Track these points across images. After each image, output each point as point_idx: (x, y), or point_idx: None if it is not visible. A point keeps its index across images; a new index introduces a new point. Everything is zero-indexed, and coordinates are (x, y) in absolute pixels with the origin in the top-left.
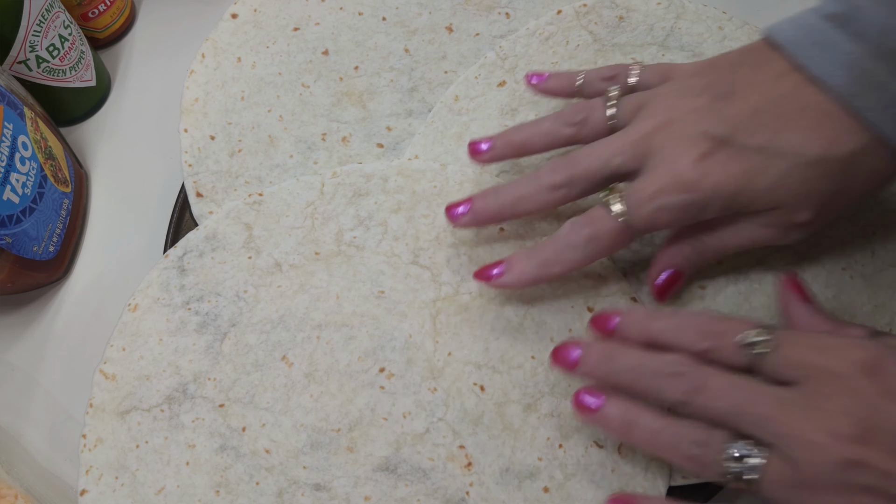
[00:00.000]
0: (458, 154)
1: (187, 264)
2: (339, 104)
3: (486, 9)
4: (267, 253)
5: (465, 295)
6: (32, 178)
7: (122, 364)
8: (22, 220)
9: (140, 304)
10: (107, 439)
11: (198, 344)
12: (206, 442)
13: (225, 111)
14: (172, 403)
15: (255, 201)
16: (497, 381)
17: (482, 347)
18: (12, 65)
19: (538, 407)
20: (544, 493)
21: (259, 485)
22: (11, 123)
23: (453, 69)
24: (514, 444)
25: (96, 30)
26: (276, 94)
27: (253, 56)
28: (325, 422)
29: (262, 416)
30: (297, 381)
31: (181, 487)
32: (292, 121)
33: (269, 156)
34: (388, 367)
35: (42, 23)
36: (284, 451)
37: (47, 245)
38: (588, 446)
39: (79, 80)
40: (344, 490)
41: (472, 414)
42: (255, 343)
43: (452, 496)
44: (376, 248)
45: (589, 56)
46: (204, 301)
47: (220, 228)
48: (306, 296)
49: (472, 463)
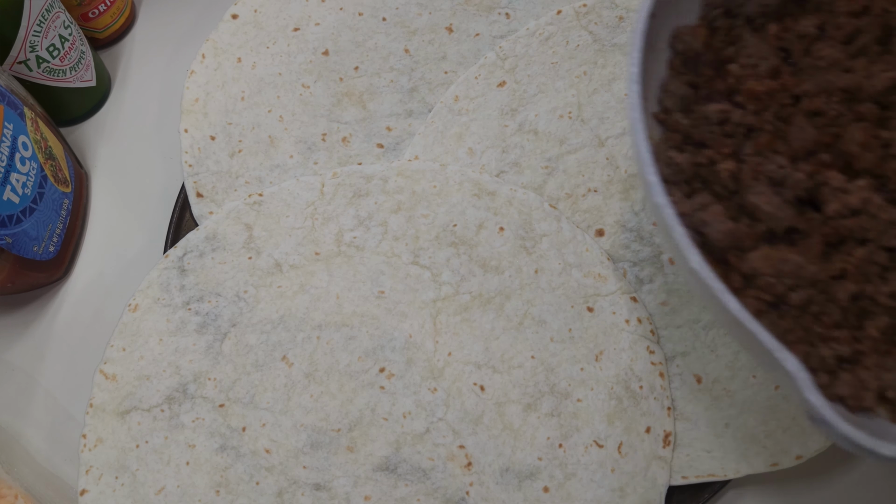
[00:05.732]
0: (458, 154)
1: (187, 264)
2: (340, 104)
3: (486, 9)
4: (267, 253)
5: (465, 295)
6: (32, 179)
7: (123, 364)
8: (22, 221)
9: (140, 304)
10: (107, 439)
11: (198, 344)
12: (206, 442)
13: (225, 111)
14: (172, 403)
15: (255, 202)
16: (497, 380)
17: (482, 347)
18: (12, 65)
19: (538, 406)
20: (544, 493)
21: (259, 484)
22: (11, 123)
23: (453, 69)
24: (514, 443)
25: (96, 30)
26: (277, 94)
27: (253, 56)
28: (325, 422)
29: (262, 416)
30: (298, 381)
31: (181, 487)
32: (292, 121)
33: (270, 156)
34: (388, 367)
35: (42, 23)
36: (284, 450)
37: (47, 245)
38: (588, 446)
39: (79, 80)
40: (344, 490)
41: (472, 414)
42: (255, 343)
43: (452, 496)
44: (376, 248)
45: (589, 56)
46: (204, 301)
47: (220, 229)
48: (306, 296)
49: (472, 463)
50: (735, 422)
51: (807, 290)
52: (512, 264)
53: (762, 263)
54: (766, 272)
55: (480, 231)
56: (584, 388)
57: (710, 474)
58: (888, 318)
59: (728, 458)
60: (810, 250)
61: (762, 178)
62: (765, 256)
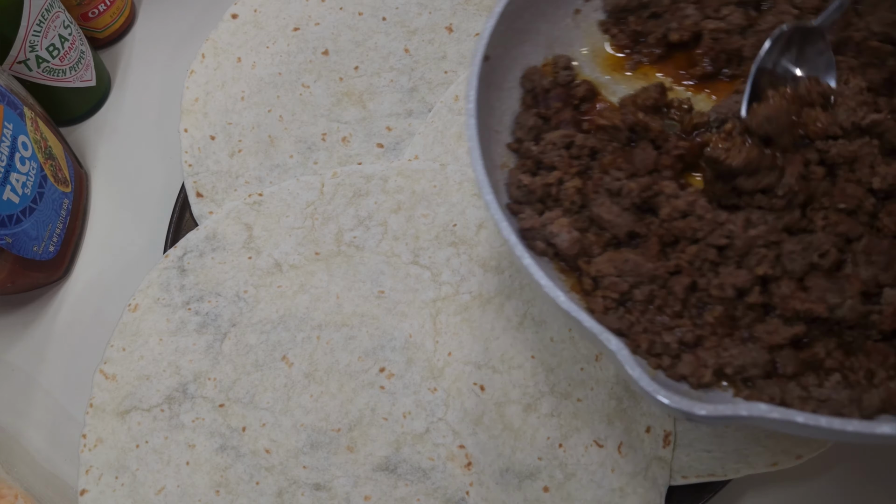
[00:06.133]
0: (457, 154)
1: (187, 264)
2: (340, 104)
3: (486, 9)
4: (267, 253)
5: (465, 295)
6: (32, 178)
7: (123, 364)
8: (22, 220)
9: (140, 304)
10: (107, 439)
11: (198, 344)
12: (206, 442)
13: (225, 111)
14: (172, 403)
15: (255, 201)
16: (497, 380)
17: (482, 347)
18: (12, 65)
19: (538, 407)
20: (544, 493)
21: (259, 484)
22: (11, 123)
23: (453, 69)
24: (514, 443)
25: (96, 30)
26: (277, 94)
27: (253, 56)
28: (325, 422)
29: (262, 416)
30: (298, 381)
31: (181, 487)
32: (292, 121)
33: (269, 156)
34: (388, 367)
35: (42, 23)
36: (284, 450)
37: (47, 245)
38: (588, 446)
39: (79, 79)
40: (344, 490)
41: (473, 414)
42: (255, 343)
43: (452, 496)
44: (376, 248)
45: None
46: (204, 301)
47: (220, 228)
48: (306, 296)
49: (472, 463)
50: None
51: (648, 286)
52: (512, 264)
53: (605, 265)
54: (610, 272)
55: (480, 231)
56: (583, 388)
57: (711, 474)
58: (722, 306)
59: (728, 457)
60: (649, 251)
61: (602, 191)
62: (608, 259)
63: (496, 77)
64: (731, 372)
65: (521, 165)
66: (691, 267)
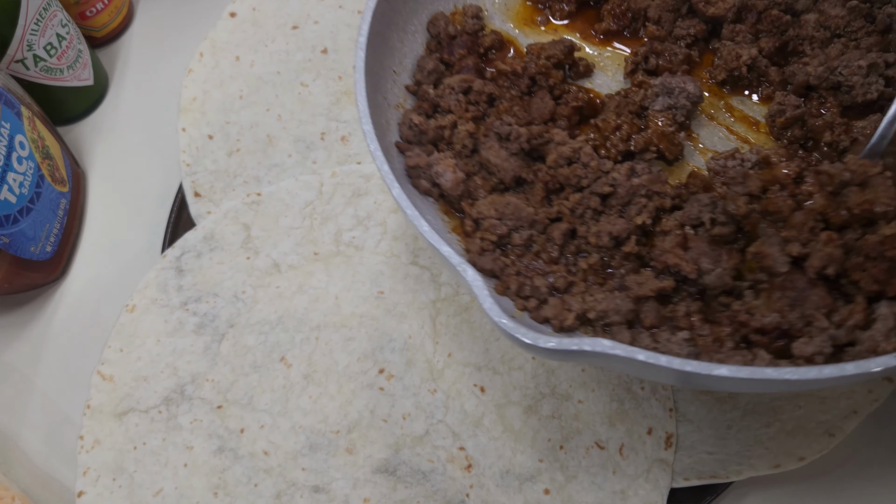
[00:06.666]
0: None
1: (185, 265)
2: (339, 103)
3: None
4: (265, 253)
5: (465, 295)
6: (30, 178)
7: (120, 365)
8: (19, 220)
9: (138, 304)
10: (104, 441)
11: (196, 345)
12: (204, 443)
13: (223, 110)
14: (170, 405)
15: (253, 201)
16: (497, 382)
17: (482, 348)
18: (9, 64)
19: (539, 408)
20: (545, 496)
21: (257, 486)
22: (8, 123)
23: None
24: (514, 445)
25: (94, 28)
26: (275, 92)
27: (251, 55)
28: (323, 423)
29: (260, 418)
30: (296, 383)
31: (179, 489)
32: (291, 120)
33: (268, 155)
34: (387, 369)
35: (39, 21)
36: (283, 452)
37: (44, 245)
38: (589, 448)
39: (76, 79)
40: (343, 492)
41: (473, 415)
42: (253, 344)
43: (452, 498)
44: (375, 248)
45: None
46: (202, 302)
47: (218, 229)
48: (305, 296)
49: (472, 465)
50: (738, 424)
51: (528, 231)
52: None
53: (487, 207)
54: (490, 214)
55: None
56: (585, 389)
57: (713, 476)
58: (598, 255)
59: (730, 459)
60: (534, 196)
61: (492, 135)
62: (490, 202)
63: (399, 18)
64: (593, 317)
65: (418, 107)
66: (573, 214)
